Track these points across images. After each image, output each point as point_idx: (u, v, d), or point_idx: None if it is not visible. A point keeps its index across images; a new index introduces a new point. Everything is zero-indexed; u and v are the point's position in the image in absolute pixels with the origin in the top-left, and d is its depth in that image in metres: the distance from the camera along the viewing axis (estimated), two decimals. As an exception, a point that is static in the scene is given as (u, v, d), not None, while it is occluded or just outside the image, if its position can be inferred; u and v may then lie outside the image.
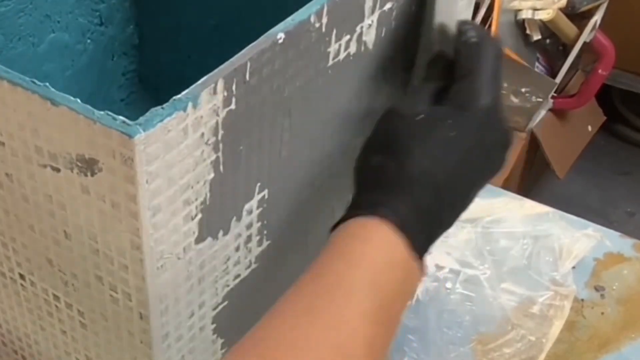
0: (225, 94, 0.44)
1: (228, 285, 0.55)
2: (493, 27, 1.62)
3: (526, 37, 1.70)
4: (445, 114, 0.53)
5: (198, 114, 0.42)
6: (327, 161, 0.59)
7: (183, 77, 0.45)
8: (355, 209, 0.51)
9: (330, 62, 0.52)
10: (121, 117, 0.40)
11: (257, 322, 0.45)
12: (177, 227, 0.46)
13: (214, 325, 0.56)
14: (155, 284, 0.46)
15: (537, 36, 1.69)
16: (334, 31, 0.51)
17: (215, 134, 0.45)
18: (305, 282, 0.48)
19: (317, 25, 0.48)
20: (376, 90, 0.60)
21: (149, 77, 0.87)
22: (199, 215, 0.47)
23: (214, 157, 0.46)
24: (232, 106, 0.45)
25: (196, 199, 0.46)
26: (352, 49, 0.54)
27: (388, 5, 0.54)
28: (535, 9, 1.65)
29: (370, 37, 0.55)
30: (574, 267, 0.85)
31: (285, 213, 0.58)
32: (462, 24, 0.57)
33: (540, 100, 1.71)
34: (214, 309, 0.54)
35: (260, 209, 0.54)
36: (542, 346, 0.77)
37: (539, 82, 1.69)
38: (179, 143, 0.42)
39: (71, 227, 0.47)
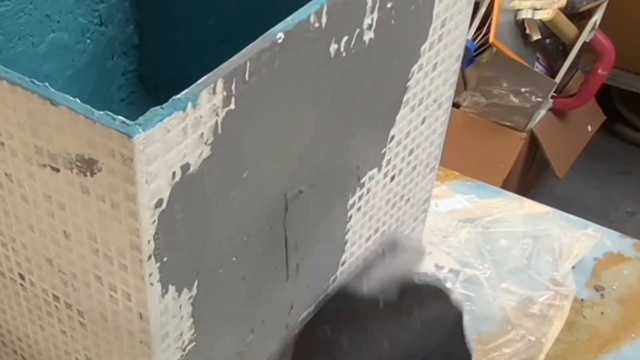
0: (225, 93, 0.44)
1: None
2: (493, 27, 1.62)
3: (526, 37, 1.70)
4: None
5: (197, 113, 0.42)
6: (324, 160, 0.59)
7: (183, 77, 0.45)
8: None
9: (330, 62, 0.52)
10: (120, 117, 0.40)
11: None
12: (177, 227, 0.46)
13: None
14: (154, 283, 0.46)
15: (537, 36, 1.69)
16: (334, 31, 0.51)
17: (215, 134, 0.45)
18: None
19: (317, 25, 0.48)
20: (375, 90, 0.60)
21: (148, 77, 0.87)
22: (199, 215, 0.47)
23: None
24: (232, 106, 0.45)
25: (196, 199, 0.46)
26: (352, 49, 0.53)
27: (388, 5, 0.54)
28: (535, 9, 1.66)
29: (370, 37, 0.55)
30: (574, 267, 0.85)
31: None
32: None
33: (540, 100, 1.71)
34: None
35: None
36: (542, 346, 0.77)
37: (538, 82, 1.69)
38: (179, 143, 0.42)
39: (71, 227, 0.47)
